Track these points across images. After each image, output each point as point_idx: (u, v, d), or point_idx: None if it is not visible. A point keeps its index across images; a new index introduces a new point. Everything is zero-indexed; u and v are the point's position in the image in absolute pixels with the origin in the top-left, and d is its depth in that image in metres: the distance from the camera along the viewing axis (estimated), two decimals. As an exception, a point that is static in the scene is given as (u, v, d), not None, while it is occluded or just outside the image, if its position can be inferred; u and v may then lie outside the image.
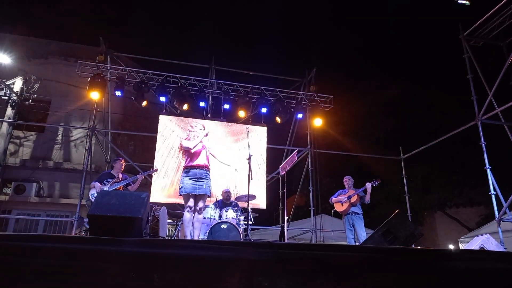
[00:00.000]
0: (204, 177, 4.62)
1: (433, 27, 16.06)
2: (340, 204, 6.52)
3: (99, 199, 3.10)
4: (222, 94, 8.91)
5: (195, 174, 4.59)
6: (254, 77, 10.29)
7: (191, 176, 4.58)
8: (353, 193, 6.42)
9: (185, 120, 8.68)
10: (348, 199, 6.42)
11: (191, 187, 4.53)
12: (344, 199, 6.47)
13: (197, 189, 4.53)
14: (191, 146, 4.68)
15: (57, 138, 10.87)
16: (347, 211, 6.39)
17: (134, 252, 2.60)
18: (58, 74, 10.71)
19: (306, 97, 9.34)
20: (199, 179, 4.57)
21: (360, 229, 6.22)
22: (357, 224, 6.26)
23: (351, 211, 6.37)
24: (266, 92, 9.05)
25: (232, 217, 5.92)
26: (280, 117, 8.92)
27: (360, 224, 6.26)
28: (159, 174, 7.99)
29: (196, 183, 4.55)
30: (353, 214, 6.35)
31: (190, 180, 4.56)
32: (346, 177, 6.75)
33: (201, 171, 4.62)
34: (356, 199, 6.36)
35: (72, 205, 9.38)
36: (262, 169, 8.78)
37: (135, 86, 8.25)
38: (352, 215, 6.35)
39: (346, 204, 6.44)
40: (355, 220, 6.30)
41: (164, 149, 8.36)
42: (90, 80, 8.00)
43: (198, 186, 4.54)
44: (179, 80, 8.60)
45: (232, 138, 8.78)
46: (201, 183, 4.56)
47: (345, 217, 6.44)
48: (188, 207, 4.56)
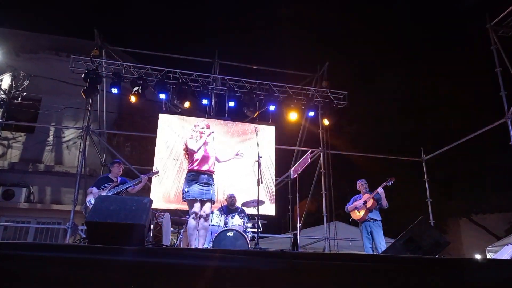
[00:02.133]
0: (210, 183, 4.71)
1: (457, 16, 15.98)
2: (356, 211, 6.51)
3: (97, 205, 3.14)
4: (227, 91, 8.94)
5: (202, 179, 4.66)
6: (261, 72, 10.32)
7: (199, 181, 4.65)
8: (368, 197, 6.40)
9: (186, 119, 8.73)
10: (364, 205, 6.41)
11: (199, 192, 4.59)
12: (360, 205, 6.45)
13: (204, 194, 4.58)
14: (196, 148, 4.72)
15: (48, 139, 10.97)
16: (365, 218, 6.38)
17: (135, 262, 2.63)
18: (49, 70, 10.80)
19: (318, 93, 9.34)
20: (206, 184, 4.63)
21: (378, 237, 6.19)
22: (375, 231, 6.24)
23: (369, 218, 6.35)
24: (274, 88, 9.07)
25: (238, 224, 5.94)
26: (289, 115, 8.91)
27: (378, 232, 6.24)
28: (159, 178, 8.03)
29: (204, 188, 4.61)
30: (371, 220, 6.34)
31: (198, 184, 4.62)
32: (360, 180, 6.73)
33: (208, 176, 4.71)
34: (372, 204, 6.34)
35: (65, 211, 9.45)
36: (271, 172, 8.80)
37: (133, 83, 8.31)
38: (369, 222, 6.34)
39: (362, 211, 6.42)
40: (373, 228, 6.28)
41: (164, 150, 8.41)
42: (84, 76, 8.07)
43: (205, 191, 4.60)
44: (180, 76, 8.65)
45: (237, 139, 8.80)
46: (208, 189, 4.63)
47: (362, 225, 6.42)
48: (194, 213, 4.60)
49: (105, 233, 3.06)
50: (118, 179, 5.95)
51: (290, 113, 8.91)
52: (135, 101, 8.25)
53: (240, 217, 6.09)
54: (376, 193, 6.36)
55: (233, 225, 5.91)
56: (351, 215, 6.64)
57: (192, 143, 4.79)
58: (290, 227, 11.30)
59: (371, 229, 6.30)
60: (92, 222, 3.09)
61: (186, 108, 8.56)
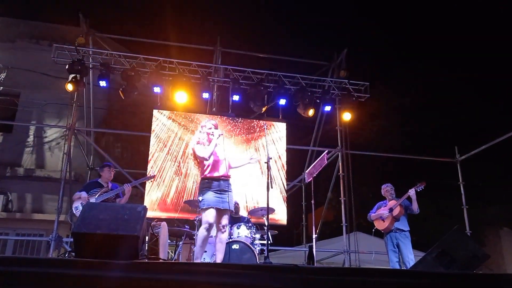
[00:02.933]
0: (227, 189, 4.76)
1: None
2: (381, 220, 6.48)
3: (85, 213, 3.17)
4: (230, 83, 8.96)
5: (217, 185, 4.72)
6: (269, 61, 10.33)
7: (214, 188, 4.70)
8: (395, 204, 6.37)
9: (184, 115, 8.76)
10: (389, 213, 6.38)
11: (215, 200, 4.64)
12: (385, 213, 6.42)
13: (220, 202, 4.64)
14: (207, 155, 4.76)
15: (28, 140, 11.07)
16: (390, 228, 6.35)
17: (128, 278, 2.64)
18: (28, 61, 10.90)
19: (335, 85, 9.32)
20: (221, 191, 4.68)
21: (406, 250, 6.16)
22: (402, 243, 6.21)
23: (395, 228, 6.32)
24: (285, 79, 9.06)
25: (245, 236, 5.94)
26: (302, 110, 8.91)
27: (406, 244, 6.20)
28: (154, 183, 8.07)
29: (219, 195, 4.67)
30: (397, 231, 6.30)
31: (212, 192, 4.68)
32: (385, 185, 6.71)
33: (223, 182, 4.77)
34: (399, 212, 6.31)
35: (47, 221, 9.53)
36: (282, 176, 8.81)
37: (124, 74, 8.35)
38: (396, 233, 6.31)
39: (388, 220, 6.39)
40: (400, 239, 6.25)
41: (160, 151, 8.45)
42: (68, 67, 8.12)
43: (222, 199, 4.65)
44: (177, 66, 8.67)
45: (242, 138, 8.81)
46: (224, 196, 4.68)
47: (387, 236, 6.39)
48: (207, 223, 4.60)
49: (94, 246, 3.08)
50: (109, 185, 5.99)
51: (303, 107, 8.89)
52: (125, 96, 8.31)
53: (246, 227, 6.09)
54: (405, 197, 6.32)
55: (239, 236, 5.91)
56: (375, 224, 6.61)
57: (201, 150, 4.81)
58: (304, 239, 11.29)
59: (398, 240, 6.27)
60: (79, 233, 3.11)
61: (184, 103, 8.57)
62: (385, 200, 6.68)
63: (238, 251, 5.52)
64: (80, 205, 5.64)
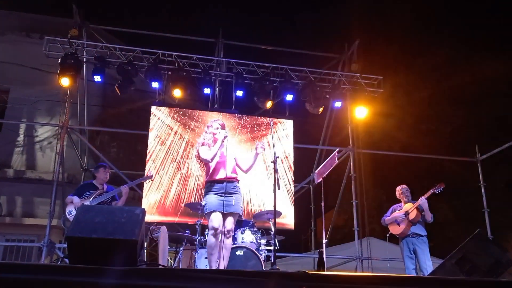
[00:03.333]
0: (233, 191, 4.74)
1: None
2: (396, 224, 6.45)
3: (80, 216, 3.17)
4: (233, 77, 8.96)
5: (221, 188, 4.71)
6: (275, 54, 10.32)
7: (216, 190, 4.71)
8: (411, 208, 6.35)
9: (185, 112, 8.77)
10: (405, 216, 6.36)
11: (217, 203, 4.63)
12: (401, 216, 6.39)
13: (223, 205, 4.62)
14: (210, 157, 4.77)
15: (18, 139, 11.12)
16: (406, 233, 6.32)
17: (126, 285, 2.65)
18: (18, 55, 10.94)
19: (346, 79, 9.30)
20: (226, 193, 4.67)
21: (424, 256, 6.14)
22: (419, 249, 6.18)
23: (411, 233, 6.29)
24: (292, 73, 9.05)
25: (250, 241, 5.95)
26: (311, 106, 8.90)
27: (424, 250, 6.18)
28: (152, 184, 8.09)
29: (223, 198, 4.65)
30: (414, 236, 6.28)
31: (215, 195, 4.68)
32: (400, 187, 6.68)
33: (229, 184, 4.74)
34: (416, 215, 6.29)
35: (39, 226, 9.57)
36: (289, 177, 8.81)
37: (120, 69, 8.37)
38: (412, 238, 6.28)
39: (403, 224, 6.36)
40: (417, 244, 6.22)
41: (159, 151, 8.46)
42: (61, 61, 8.15)
43: (226, 202, 4.63)
44: (177, 60, 8.69)
45: (246, 136, 8.81)
46: (229, 199, 4.66)
47: (403, 241, 6.38)
48: (212, 228, 4.60)
49: (89, 251, 3.08)
50: (105, 187, 6.01)
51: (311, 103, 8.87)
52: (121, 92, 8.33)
53: (251, 232, 6.09)
54: (420, 202, 6.30)
55: (243, 241, 5.91)
56: (389, 229, 6.60)
57: (205, 152, 4.82)
58: (313, 245, 11.28)
59: (415, 246, 6.25)
60: (74, 238, 3.11)
61: (184, 99, 8.59)
62: (400, 203, 6.65)
63: (242, 258, 5.52)
64: (73, 209, 5.66)
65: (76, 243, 3.13)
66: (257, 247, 5.92)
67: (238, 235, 6.04)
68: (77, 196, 5.80)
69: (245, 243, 5.84)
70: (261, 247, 6.01)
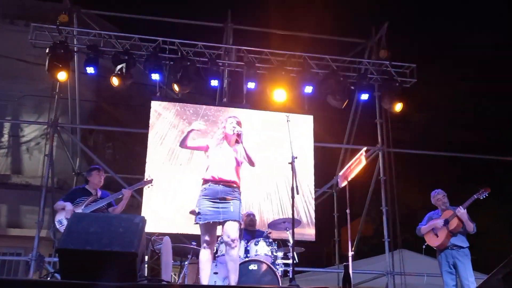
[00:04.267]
0: (231, 197, 4.70)
1: None
2: (434, 235, 6.39)
3: (72, 226, 3.20)
4: (244, 67, 8.96)
5: (216, 192, 4.68)
6: (291, 40, 10.28)
7: (210, 195, 4.68)
8: (451, 215, 6.28)
9: (189, 107, 8.80)
10: (444, 225, 6.29)
11: (212, 211, 4.61)
12: (439, 224, 6.32)
13: (220, 213, 4.60)
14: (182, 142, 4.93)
15: (2, 140, 11.25)
16: (445, 245, 6.25)
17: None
18: (0, 44, 11.04)
19: (373, 67, 9.26)
20: (222, 199, 4.66)
21: (465, 270, 6.06)
22: (460, 263, 6.11)
23: (451, 244, 6.23)
24: (311, 61, 9.03)
25: (264, 254, 5.93)
26: (333, 99, 8.86)
27: (465, 264, 6.10)
28: (153, 190, 8.11)
29: (219, 205, 4.63)
30: (454, 248, 6.22)
31: (209, 201, 4.66)
32: (434, 192, 6.58)
33: (225, 188, 4.70)
34: (457, 225, 6.20)
35: (26, 238, 9.66)
36: (309, 181, 8.79)
37: (115, 59, 8.41)
38: (452, 250, 6.22)
39: (442, 234, 6.28)
40: (458, 258, 6.15)
41: (159, 151, 8.50)
42: (49, 51, 8.22)
43: (222, 209, 4.61)
44: (179, 48, 8.71)
45: (259, 134, 8.81)
46: (225, 206, 4.64)
47: (442, 254, 6.32)
48: (204, 241, 4.63)
49: (83, 265, 3.11)
50: (99, 192, 6.05)
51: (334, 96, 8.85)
52: (118, 85, 8.35)
53: (266, 243, 6.08)
54: (458, 213, 6.19)
55: (257, 254, 5.91)
56: (426, 239, 6.52)
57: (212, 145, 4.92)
58: (337, 258, 11.24)
59: (455, 259, 6.18)
60: (65, 250, 3.14)
61: (188, 92, 8.61)
62: (437, 209, 6.58)
63: (256, 273, 5.51)
64: (64, 218, 5.69)
65: (68, 256, 3.16)
66: (273, 260, 5.90)
67: (251, 247, 6.04)
68: (69, 202, 5.83)
69: (259, 256, 5.83)
70: (277, 261, 5.98)
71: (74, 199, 5.88)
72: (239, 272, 4.91)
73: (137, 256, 3.17)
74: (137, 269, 3.22)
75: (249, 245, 6.06)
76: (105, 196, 6.01)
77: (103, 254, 3.11)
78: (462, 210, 6.11)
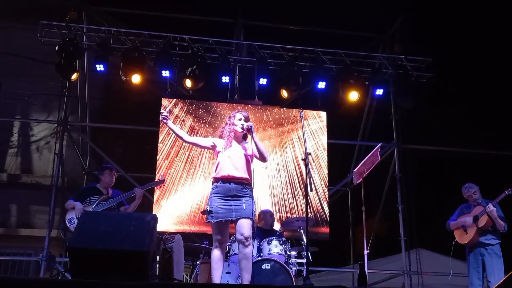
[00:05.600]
0: (243, 194, 4.71)
1: None
2: (463, 231, 6.27)
3: (83, 225, 3.22)
4: (256, 63, 8.96)
5: (227, 190, 4.69)
6: (304, 35, 10.26)
7: (221, 193, 4.69)
8: (481, 211, 6.14)
9: (200, 104, 8.81)
10: (474, 222, 6.17)
11: (224, 209, 4.62)
12: (468, 221, 6.20)
13: (233, 211, 4.61)
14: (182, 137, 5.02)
15: (12, 139, 11.33)
16: (474, 242, 6.13)
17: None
18: (9, 43, 11.12)
19: (388, 62, 9.21)
20: (234, 197, 4.66)
21: (493, 270, 5.91)
22: (489, 262, 5.98)
23: (480, 242, 6.13)
24: (324, 56, 9.00)
25: (277, 253, 5.95)
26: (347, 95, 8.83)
27: (493, 262, 5.95)
28: (164, 188, 8.14)
29: (231, 203, 4.64)
30: (483, 246, 6.12)
31: (220, 199, 4.67)
32: (467, 186, 6.43)
33: (236, 186, 4.71)
34: (486, 221, 6.04)
35: (36, 238, 9.73)
36: (322, 179, 8.77)
37: (125, 56, 8.45)
38: (481, 248, 6.12)
39: (471, 231, 6.14)
40: (487, 256, 6.04)
41: (171, 150, 8.53)
42: (58, 48, 8.27)
43: (235, 207, 4.62)
44: (190, 44, 8.72)
45: (271, 132, 8.81)
46: (238, 203, 4.64)
47: (471, 253, 6.20)
48: (216, 240, 4.64)
49: (94, 264, 3.13)
50: (110, 191, 6.09)
51: (349, 92, 8.81)
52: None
53: (279, 242, 6.08)
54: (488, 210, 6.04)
55: (271, 253, 5.92)
56: (455, 235, 6.40)
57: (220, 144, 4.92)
58: (352, 257, 11.20)
59: (483, 257, 6.07)
60: (76, 249, 3.17)
61: (199, 89, 8.62)
62: (470, 203, 6.42)
63: (269, 272, 5.52)
64: (74, 216, 5.75)
65: (78, 255, 3.18)
66: (286, 260, 5.92)
67: (264, 246, 6.05)
68: (79, 201, 5.88)
69: (273, 255, 5.84)
70: (291, 260, 6.00)
71: (84, 198, 5.93)
72: (252, 271, 4.92)
73: (149, 255, 3.18)
74: (149, 268, 3.23)
75: (262, 244, 6.07)
76: (116, 195, 6.05)
77: (114, 252, 3.12)
78: (492, 207, 5.97)
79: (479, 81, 15.82)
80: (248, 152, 4.87)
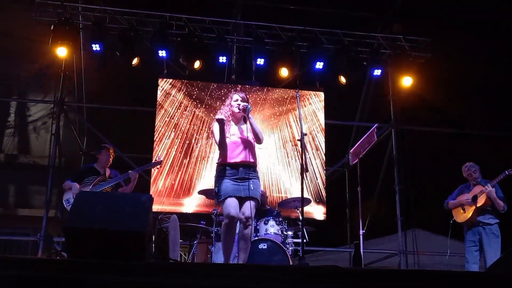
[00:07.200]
0: (249, 176, 4.75)
1: None
2: (461, 210, 6.31)
3: (78, 205, 3.22)
4: (253, 43, 8.91)
5: (235, 173, 4.73)
6: (302, 14, 10.17)
7: (230, 176, 4.73)
8: (480, 191, 6.15)
9: (197, 84, 8.78)
10: (473, 202, 6.19)
11: (232, 187, 4.66)
12: (468, 200, 6.23)
13: (241, 190, 4.66)
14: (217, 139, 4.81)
15: (9, 119, 11.30)
16: (472, 221, 6.17)
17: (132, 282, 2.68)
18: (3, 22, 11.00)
19: (387, 42, 9.18)
20: (241, 179, 4.70)
21: (490, 248, 5.94)
22: (486, 240, 6.00)
23: (478, 221, 6.16)
24: (322, 36, 8.96)
25: (274, 233, 5.98)
26: (345, 75, 8.81)
27: (491, 241, 5.96)
28: (161, 169, 8.16)
29: (239, 182, 4.69)
30: (481, 225, 6.13)
31: (229, 180, 4.70)
32: (467, 165, 6.42)
33: (244, 169, 4.76)
34: (485, 201, 6.07)
35: (34, 218, 9.74)
36: (320, 158, 8.78)
37: (121, 36, 8.39)
38: (479, 227, 6.13)
39: (470, 211, 6.19)
40: (484, 235, 6.06)
41: (167, 130, 8.52)
42: (54, 28, 8.22)
43: (243, 186, 4.67)
44: (187, 24, 8.67)
45: (269, 111, 8.80)
46: (245, 184, 4.69)
47: (469, 231, 6.23)
48: (227, 216, 4.62)
49: (90, 244, 3.13)
50: (107, 171, 6.08)
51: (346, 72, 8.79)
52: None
53: (276, 222, 6.11)
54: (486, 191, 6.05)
55: (267, 233, 5.95)
56: (453, 214, 6.42)
57: (215, 131, 4.87)
58: (349, 238, 11.26)
59: (481, 236, 6.10)
60: (72, 228, 3.17)
61: (197, 69, 8.58)
62: (469, 183, 6.44)
63: (266, 252, 5.56)
64: (71, 197, 5.75)
65: (74, 235, 3.18)
66: (283, 239, 5.95)
67: (261, 226, 6.08)
68: (76, 181, 5.88)
69: (269, 235, 5.88)
70: (287, 240, 6.04)
71: (82, 178, 5.93)
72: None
73: (145, 235, 3.19)
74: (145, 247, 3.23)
75: (259, 224, 6.10)
76: (114, 175, 6.06)
77: (110, 232, 3.12)
78: (490, 187, 5.99)
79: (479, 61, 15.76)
80: (245, 134, 4.86)
